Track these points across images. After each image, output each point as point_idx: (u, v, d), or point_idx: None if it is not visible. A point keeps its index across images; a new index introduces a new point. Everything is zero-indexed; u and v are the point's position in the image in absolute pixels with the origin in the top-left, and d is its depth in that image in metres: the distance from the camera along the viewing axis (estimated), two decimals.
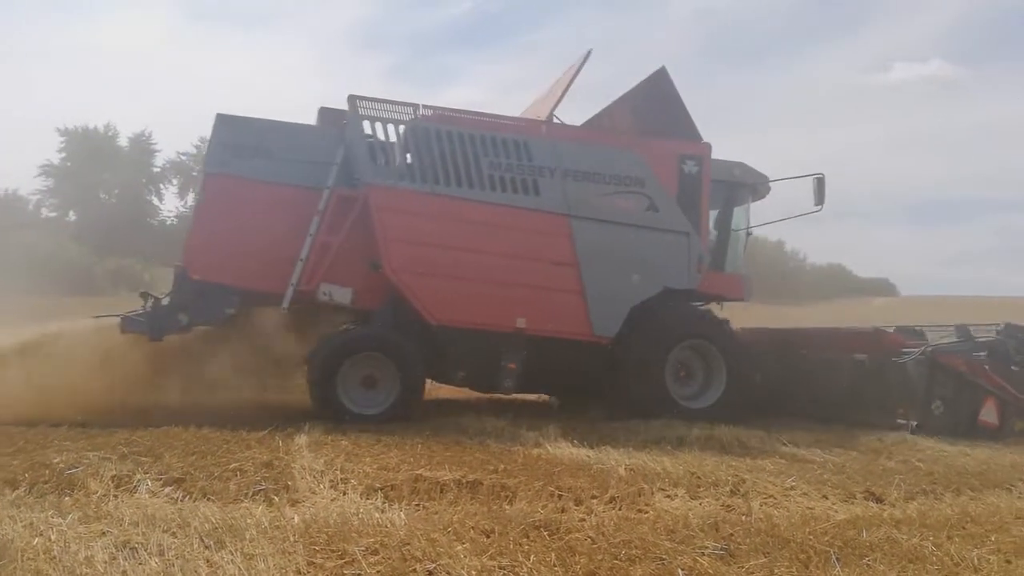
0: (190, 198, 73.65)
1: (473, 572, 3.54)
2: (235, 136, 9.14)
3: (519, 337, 9.48)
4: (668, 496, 5.71)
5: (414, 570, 3.57)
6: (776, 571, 3.84)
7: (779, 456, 7.62)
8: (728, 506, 5.49)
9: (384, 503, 5.07)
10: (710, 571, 3.78)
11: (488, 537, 4.20)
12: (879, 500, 5.85)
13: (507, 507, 5.07)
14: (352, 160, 9.24)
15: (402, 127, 9.43)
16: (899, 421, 9.41)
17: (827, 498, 5.86)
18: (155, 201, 71.52)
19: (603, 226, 9.72)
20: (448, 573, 3.52)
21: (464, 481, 5.63)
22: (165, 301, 9.15)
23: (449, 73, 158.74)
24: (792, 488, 6.08)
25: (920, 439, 8.63)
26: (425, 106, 9.60)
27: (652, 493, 5.72)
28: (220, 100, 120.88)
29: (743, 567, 3.89)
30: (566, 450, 7.33)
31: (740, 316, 11.26)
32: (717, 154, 10.44)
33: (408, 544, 3.91)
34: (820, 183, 10.50)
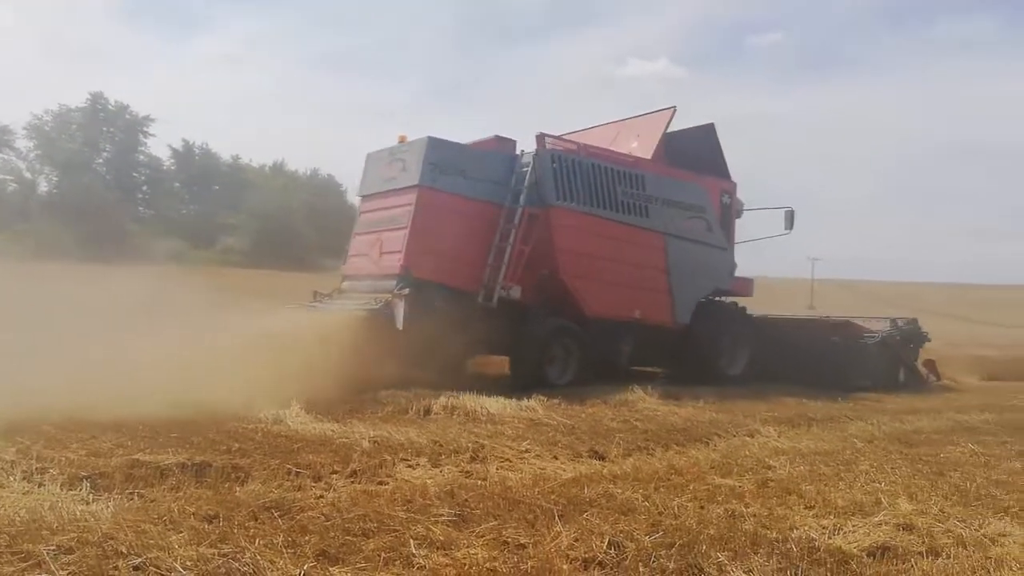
0: None
1: (188, 563, 3.24)
2: (441, 156, 10.96)
3: (634, 325, 12.42)
4: (410, 466, 5.74)
5: (116, 567, 3.18)
6: (505, 532, 3.99)
7: (519, 421, 8.01)
8: (467, 472, 5.64)
9: (91, 494, 4.49)
10: (442, 538, 3.82)
11: (211, 523, 3.88)
12: (602, 458, 6.38)
13: (237, 489, 4.74)
14: (537, 183, 11.32)
15: (570, 159, 11.75)
16: (862, 383, 13.37)
17: (557, 458, 6.27)
18: None
19: (682, 242, 12.94)
20: (156, 567, 3.18)
21: (190, 464, 5.17)
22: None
23: (195, 21, 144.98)
24: (527, 451, 6.42)
25: (639, 401, 9.60)
26: (588, 146, 12.36)
27: (395, 464, 5.71)
28: None
29: (474, 531, 3.99)
30: (309, 425, 7.06)
31: None
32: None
33: (112, 538, 3.48)
34: (791, 215, 14.09)
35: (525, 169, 11.34)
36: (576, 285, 11.69)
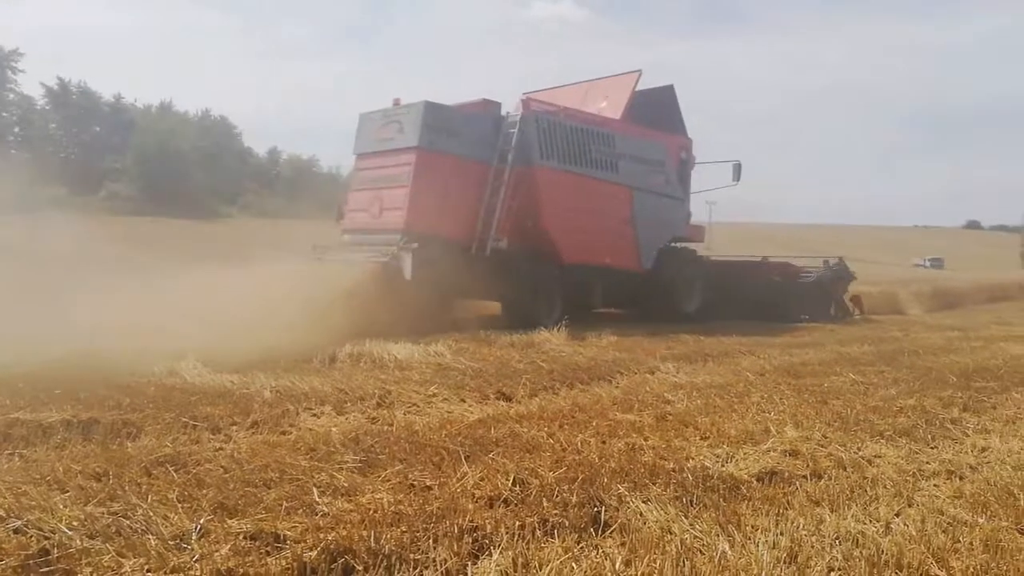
0: None
1: (74, 523, 3.07)
2: (437, 119, 11.89)
3: (605, 270, 13.84)
4: (314, 415, 5.64)
5: None
6: (410, 475, 3.99)
7: (426, 366, 7.99)
8: (373, 418, 5.60)
9: None
10: (346, 484, 3.79)
11: (99, 481, 3.70)
12: (508, 399, 6.46)
13: (128, 445, 4.54)
14: (524, 144, 12.44)
15: (551, 120, 12.98)
16: (802, 317, 15.53)
17: (465, 401, 6.30)
18: None
19: (646, 195, 14.47)
20: (39, 529, 3.00)
21: (75, 421, 4.91)
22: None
23: None
24: (434, 395, 6.41)
25: (545, 343, 9.75)
26: (567, 108, 13.56)
27: (298, 413, 5.60)
28: None
29: (379, 476, 3.97)
30: (206, 378, 6.81)
31: None
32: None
33: None
34: (738, 168, 15.55)
35: (512, 131, 12.39)
36: (557, 236, 12.97)
